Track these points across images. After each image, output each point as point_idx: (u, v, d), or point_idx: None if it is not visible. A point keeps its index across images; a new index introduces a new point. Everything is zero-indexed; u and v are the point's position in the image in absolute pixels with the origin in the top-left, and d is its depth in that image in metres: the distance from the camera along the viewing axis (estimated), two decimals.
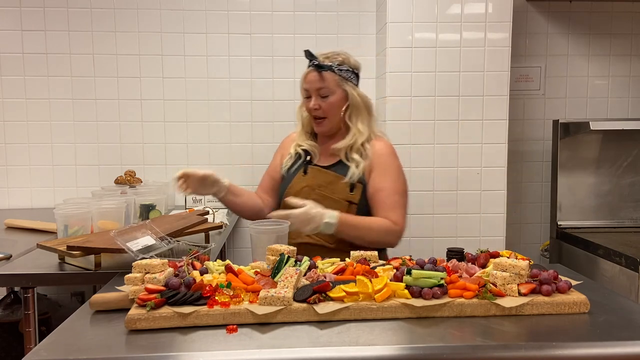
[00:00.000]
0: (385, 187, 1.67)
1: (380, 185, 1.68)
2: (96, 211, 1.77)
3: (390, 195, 1.67)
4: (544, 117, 2.91)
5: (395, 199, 1.67)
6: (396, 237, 1.67)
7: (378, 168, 1.69)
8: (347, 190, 1.69)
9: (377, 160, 1.70)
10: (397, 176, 1.71)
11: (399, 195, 1.69)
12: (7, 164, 2.77)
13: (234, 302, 1.08)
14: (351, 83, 1.73)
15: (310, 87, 1.71)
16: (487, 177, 2.53)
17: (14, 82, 2.73)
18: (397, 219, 1.66)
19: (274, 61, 2.79)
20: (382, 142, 1.76)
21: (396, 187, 1.69)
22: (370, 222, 1.65)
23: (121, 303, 1.14)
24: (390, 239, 1.67)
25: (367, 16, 2.80)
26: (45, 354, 0.93)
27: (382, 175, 1.69)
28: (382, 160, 1.70)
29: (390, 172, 1.70)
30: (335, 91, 1.70)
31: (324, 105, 1.71)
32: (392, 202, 1.67)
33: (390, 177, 1.69)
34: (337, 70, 1.70)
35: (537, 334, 1.01)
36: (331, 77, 1.70)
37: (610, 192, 2.83)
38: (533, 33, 2.87)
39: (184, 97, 2.80)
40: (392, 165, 1.71)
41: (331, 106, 1.71)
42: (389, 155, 1.73)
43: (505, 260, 1.16)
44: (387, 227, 1.64)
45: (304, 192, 1.73)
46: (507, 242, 2.61)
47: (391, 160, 1.72)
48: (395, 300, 1.11)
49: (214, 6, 2.76)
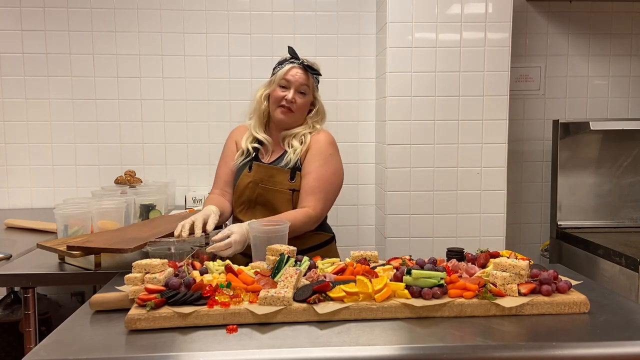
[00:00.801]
0: (311, 171, 1.76)
1: (308, 169, 1.77)
2: (96, 211, 1.77)
3: (313, 179, 1.75)
4: (544, 117, 2.91)
5: (317, 184, 1.74)
6: (312, 222, 1.74)
7: (311, 154, 1.79)
8: (288, 180, 1.78)
9: (312, 147, 1.80)
10: (326, 163, 1.78)
11: (323, 181, 1.76)
12: (7, 164, 2.77)
13: (234, 302, 1.08)
14: (317, 91, 1.90)
15: (295, 80, 1.81)
16: (487, 177, 2.53)
17: (14, 82, 2.73)
18: (315, 204, 1.73)
19: (273, 61, 2.75)
20: (323, 134, 1.86)
21: (322, 173, 1.76)
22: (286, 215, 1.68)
23: (121, 303, 1.14)
24: (309, 225, 1.74)
25: (367, 16, 2.80)
26: (45, 354, 0.93)
27: (313, 161, 1.78)
28: (317, 147, 1.80)
29: (320, 158, 1.78)
30: (309, 94, 1.86)
31: (299, 101, 1.81)
32: (314, 187, 1.74)
33: (319, 163, 1.77)
34: (315, 78, 1.88)
35: (537, 334, 1.01)
36: (312, 81, 1.86)
37: (610, 192, 2.83)
38: (533, 33, 2.87)
39: (184, 97, 2.80)
40: (325, 153, 1.80)
41: (304, 104, 1.84)
42: (326, 144, 1.82)
43: (505, 260, 1.16)
44: (303, 215, 1.70)
45: (249, 187, 1.82)
46: (507, 242, 2.61)
47: (324, 148, 1.81)
48: (395, 300, 1.11)
49: (214, 6, 2.76)
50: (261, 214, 1.79)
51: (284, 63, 1.87)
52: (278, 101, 1.82)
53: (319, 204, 1.75)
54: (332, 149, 1.84)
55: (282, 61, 1.88)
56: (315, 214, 1.73)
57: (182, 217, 1.86)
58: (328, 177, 1.78)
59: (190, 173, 2.83)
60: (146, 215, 2.04)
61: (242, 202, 1.85)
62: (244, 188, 1.83)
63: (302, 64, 1.84)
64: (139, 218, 2.04)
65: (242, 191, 1.84)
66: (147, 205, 2.05)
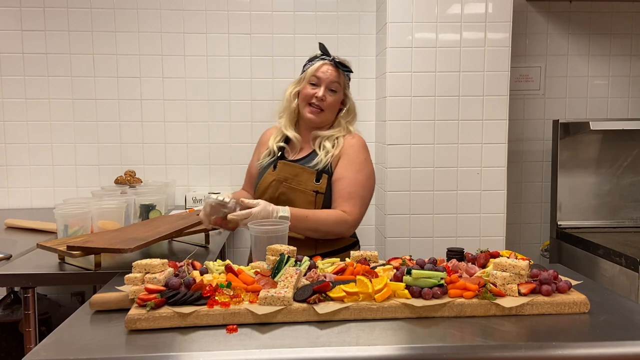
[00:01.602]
0: (346, 176, 1.72)
1: (342, 174, 1.73)
2: (96, 211, 1.77)
3: (349, 185, 1.71)
4: (544, 117, 2.91)
5: (353, 190, 1.71)
6: (348, 227, 1.71)
7: (344, 159, 1.75)
8: (313, 181, 1.74)
9: (345, 152, 1.76)
10: (360, 168, 1.75)
11: (358, 187, 1.72)
12: (7, 164, 2.77)
13: (234, 302, 1.08)
14: (349, 89, 1.87)
15: (325, 77, 1.77)
16: (487, 177, 2.53)
17: (14, 82, 2.73)
18: (352, 210, 1.70)
19: (274, 61, 2.79)
20: (357, 137, 1.82)
21: (357, 178, 1.72)
22: (320, 214, 1.68)
23: (121, 303, 1.14)
24: (342, 229, 1.71)
25: (367, 16, 2.80)
26: (45, 354, 0.93)
27: (346, 166, 1.74)
28: (350, 152, 1.76)
29: (355, 163, 1.74)
30: (341, 92, 1.81)
31: (329, 99, 1.77)
32: (350, 192, 1.71)
33: (353, 168, 1.73)
34: (346, 75, 1.83)
35: (537, 334, 1.01)
36: (343, 78, 1.81)
37: (610, 192, 2.83)
38: (533, 33, 2.88)
39: (184, 97, 2.80)
40: (358, 157, 1.76)
41: (334, 102, 1.80)
42: (359, 148, 1.78)
43: (505, 260, 1.16)
44: (337, 217, 1.68)
45: (272, 185, 1.79)
46: (507, 242, 2.61)
47: (359, 153, 1.77)
48: (395, 300, 1.11)
49: (214, 6, 2.76)
50: None
51: (314, 60, 1.83)
52: (308, 99, 1.79)
53: (355, 209, 1.71)
54: (366, 153, 1.80)
55: (313, 58, 1.84)
56: (352, 219, 1.70)
57: (182, 217, 1.86)
58: (363, 182, 1.74)
59: (190, 173, 2.83)
60: (146, 215, 2.04)
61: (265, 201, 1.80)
62: (266, 187, 1.80)
63: (334, 61, 1.80)
64: (139, 218, 2.04)
65: (264, 190, 1.80)
66: (147, 205, 2.05)
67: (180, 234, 1.71)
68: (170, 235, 1.64)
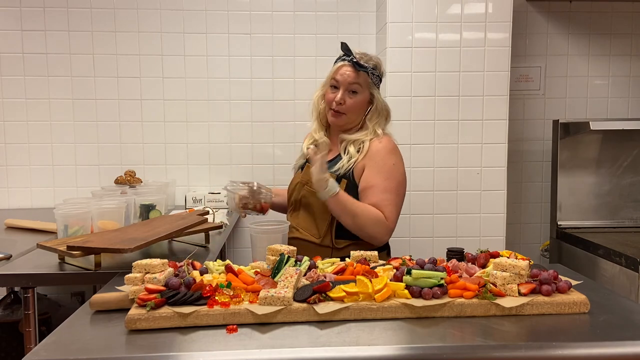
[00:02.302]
0: (376, 184, 1.65)
1: (371, 182, 1.66)
2: (96, 211, 1.77)
3: (380, 192, 1.65)
4: (544, 117, 2.91)
5: (385, 197, 1.65)
6: (385, 230, 1.65)
7: (371, 165, 1.67)
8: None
9: (371, 158, 1.68)
10: (389, 174, 1.67)
11: (389, 194, 1.66)
12: (7, 164, 2.77)
13: (234, 302, 1.08)
14: (377, 88, 1.75)
15: (343, 80, 1.71)
16: (487, 177, 2.53)
17: (14, 82, 2.73)
18: (388, 215, 1.64)
19: (274, 61, 2.79)
20: (384, 141, 1.72)
21: (387, 185, 1.66)
22: (363, 205, 1.64)
23: (121, 303, 1.14)
24: (379, 230, 1.64)
25: (367, 16, 2.80)
26: (45, 354, 0.93)
27: (375, 173, 1.66)
28: (377, 158, 1.68)
29: (384, 170, 1.67)
30: (364, 92, 1.72)
31: (348, 102, 1.70)
32: (382, 199, 1.65)
33: (382, 174, 1.66)
34: (370, 73, 1.72)
35: (537, 334, 1.01)
36: (365, 77, 1.71)
37: (610, 192, 2.83)
38: (533, 33, 2.88)
39: (184, 97, 2.80)
40: (387, 163, 1.68)
41: (355, 104, 1.72)
42: (386, 153, 1.69)
43: (505, 260, 1.16)
44: (378, 216, 1.63)
45: (297, 188, 1.78)
46: (507, 242, 2.61)
47: (386, 158, 1.69)
48: (395, 300, 1.11)
49: (214, 6, 2.76)
50: (303, 217, 1.75)
51: (337, 60, 1.77)
52: (329, 104, 1.74)
53: (391, 215, 1.65)
54: (394, 157, 1.70)
55: (337, 58, 1.79)
56: (388, 224, 1.65)
57: (182, 217, 1.86)
58: (394, 189, 1.68)
59: (190, 173, 2.83)
60: (146, 215, 2.04)
61: (291, 203, 1.82)
62: (292, 189, 1.81)
63: (352, 61, 1.71)
64: (139, 218, 2.04)
65: (291, 192, 1.81)
66: (147, 205, 2.05)
67: (180, 234, 1.71)
68: (170, 235, 1.64)
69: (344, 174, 1.69)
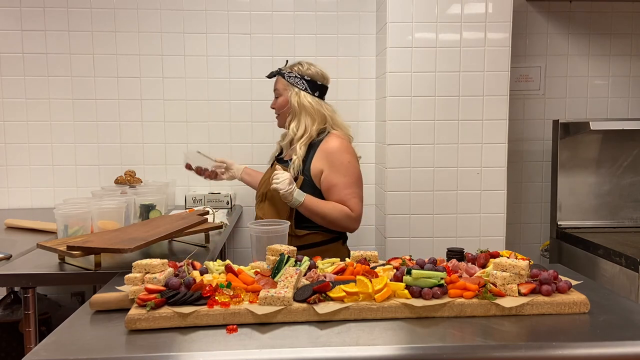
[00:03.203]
0: (338, 182, 1.85)
1: (332, 181, 1.85)
2: (96, 211, 1.77)
3: (342, 189, 1.85)
4: (544, 117, 2.91)
5: (347, 192, 1.85)
6: (353, 221, 1.87)
7: (328, 167, 1.86)
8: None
9: (326, 159, 1.86)
10: (346, 171, 1.86)
11: (350, 188, 1.86)
12: (7, 164, 2.77)
13: (234, 302, 1.08)
14: (297, 88, 1.94)
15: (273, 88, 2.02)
16: (487, 177, 2.53)
17: (14, 82, 2.73)
18: (354, 207, 1.85)
19: (274, 61, 2.79)
20: (333, 140, 1.90)
21: (347, 181, 1.86)
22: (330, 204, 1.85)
23: (121, 303, 1.14)
24: (348, 223, 1.86)
25: (367, 16, 2.80)
26: (45, 354, 0.93)
27: (334, 173, 1.85)
28: (332, 159, 1.86)
29: (341, 169, 1.85)
30: (283, 94, 1.97)
31: (275, 105, 2.00)
32: (346, 194, 1.85)
33: (340, 173, 1.85)
34: (285, 76, 1.96)
35: (537, 334, 1.01)
36: (282, 81, 1.97)
37: (610, 192, 2.83)
38: (533, 33, 2.88)
39: (184, 97, 2.80)
40: (342, 162, 1.86)
41: (278, 105, 2.00)
42: (338, 152, 1.87)
43: (505, 260, 1.17)
44: (344, 211, 1.85)
45: (263, 182, 1.99)
46: (507, 242, 2.61)
47: (340, 157, 1.86)
48: (395, 300, 1.11)
49: (214, 6, 2.76)
50: (268, 208, 1.92)
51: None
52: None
53: (355, 207, 1.86)
54: (347, 155, 1.88)
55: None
56: (355, 215, 1.86)
57: (182, 217, 1.86)
58: (354, 182, 1.87)
59: (190, 173, 2.82)
60: (146, 215, 2.04)
61: (259, 196, 2.02)
62: (262, 182, 2.01)
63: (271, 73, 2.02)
64: (139, 218, 2.04)
65: (261, 185, 2.02)
66: (147, 205, 2.05)
67: (180, 234, 1.71)
68: (170, 235, 1.64)
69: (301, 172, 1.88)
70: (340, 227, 1.88)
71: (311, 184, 1.88)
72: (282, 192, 1.78)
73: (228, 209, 2.61)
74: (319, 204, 1.83)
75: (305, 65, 1.96)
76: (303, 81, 1.94)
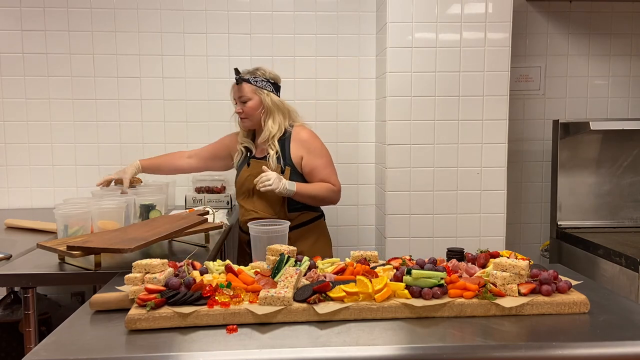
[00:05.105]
0: (317, 165, 2.11)
1: (313, 164, 2.11)
2: (96, 211, 1.77)
3: (322, 169, 2.12)
4: (544, 117, 2.91)
5: (327, 171, 2.13)
6: (337, 193, 2.14)
7: (306, 153, 2.11)
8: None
9: (304, 146, 2.11)
10: (322, 154, 2.14)
11: (328, 167, 2.14)
12: (7, 164, 2.77)
13: (234, 302, 1.08)
14: (266, 90, 2.13)
15: (235, 95, 2.16)
16: (487, 177, 2.53)
17: (14, 82, 2.73)
18: (335, 182, 2.13)
19: (274, 61, 2.79)
20: (302, 130, 2.16)
21: (324, 162, 2.14)
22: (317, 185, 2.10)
23: (121, 303, 1.14)
24: (334, 196, 2.13)
25: (367, 16, 2.80)
26: (45, 354, 0.93)
27: (312, 157, 2.11)
28: (309, 145, 2.12)
29: (317, 152, 2.13)
30: (253, 97, 2.12)
31: (245, 109, 2.13)
32: (326, 174, 2.12)
33: (317, 156, 2.12)
34: (252, 81, 2.12)
35: (537, 334, 1.01)
36: (247, 87, 2.11)
37: (610, 192, 2.83)
38: (533, 33, 2.88)
39: (184, 97, 2.80)
40: (316, 146, 2.14)
41: (250, 109, 2.12)
42: (311, 139, 2.14)
43: (505, 260, 1.17)
44: (329, 187, 2.11)
45: (248, 180, 2.10)
46: (507, 242, 2.61)
47: (314, 143, 2.14)
48: (395, 300, 1.11)
49: (214, 6, 2.76)
50: (258, 201, 2.11)
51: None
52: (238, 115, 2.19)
53: (336, 181, 2.14)
54: (318, 140, 2.16)
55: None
56: (337, 187, 2.13)
57: (182, 217, 1.86)
58: (329, 162, 2.16)
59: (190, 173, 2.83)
60: (146, 215, 2.04)
61: (243, 192, 2.16)
62: (244, 180, 2.14)
63: (235, 78, 2.13)
64: (139, 218, 2.04)
65: (242, 183, 2.15)
66: (147, 205, 2.05)
67: (180, 234, 1.71)
68: (170, 235, 1.64)
69: (286, 163, 2.09)
70: (327, 202, 2.14)
71: (296, 171, 2.11)
72: (277, 190, 1.96)
73: (228, 209, 2.61)
74: (308, 188, 2.06)
75: (266, 70, 2.16)
76: (269, 84, 2.14)
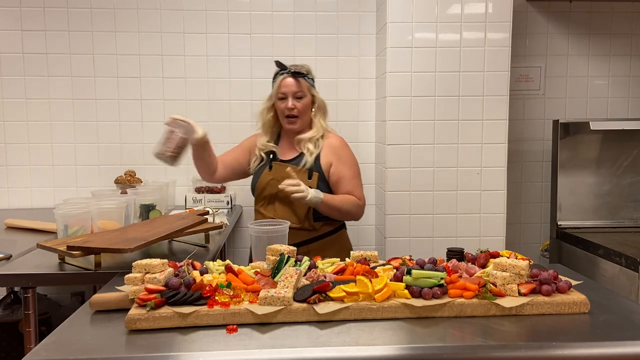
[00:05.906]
0: (345, 175, 2.02)
1: (341, 174, 2.01)
2: (96, 211, 1.77)
3: (350, 180, 2.03)
4: (544, 117, 2.91)
5: (353, 183, 2.03)
6: (362, 209, 2.05)
7: (336, 160, 2.02)
8: (306, 178, 1.97)
9: (335, 153, 2.02)
10: (352, 163, 2.06)
11: (355, 179, 2.05)
12: (7, 164, 2.77)
13: (234, 302, 1.08)
14: (314, 88, 2.05)
15: (288, 90, 1.99)
16: (487, 177, 2.53)
17: (14, 82, 2.73)
18: (360, 196, 2.04)
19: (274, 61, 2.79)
20: (335, 137, 2.08)
21: (353, 172, 2.05)
22: (343, 197, 2.00)
23: (121, 303, 1.14)
24: (358, 211, 2.04)
25: (367, 16, 2.80)
26: (45, 354, 0.93)
27: (341, 166, 2.02)
28: (340, 153, 2.03)
29: (347, 162, 2.04)
30: (307, 95, 2.02)
31: (298, 106, 2.00)
32: (353, 185, 2.03)
33: (347, 165, 2.03)
34: (307, 78, 2.02)
35: (537, 334, 1.01)
36: (304, 83, 2.01)
37: (610, 192, 2.83)
38: (533, 33, 2.87)
39: (184, 97, 2.80)
40: (347, 155, 2.05)
41: (304, 107, 2.01)
42: (343, 147, 2.06)
43: (505, 260, 1.16)
44: (354, 201, 2.01)
45: (270, 184, 2.00)
46: (507, 242, 2.61)
47: (346, 152, 2.06)
48: (395, 300, 1.11)
49: (214, 6, 2.76)
50: (280, 208, 1.99)
51: (276, 76, 2.04)
52: (283, 113, 2.01)
53: (361, 196, 2.04)
54: (349, 149, 2.08)
55: (275, 75, 2.05)
56: (362, 203, 2.04)
57: (182, 217, 1.86)
58: (357, 173, 2.07)
59: (190, 173, 2.82)
60: (146, 215, 2.04)
61: (264, 198, 2.04)
62: (265, 185, 2.02)
63: (290, 72, 2.00)
64: (139, 218, 2.04)
65: (263, 187, 2.03)
66: (147, 205, 2.05)
67: (180, 234, 1.71)
68: (170, 235, 1.64)
69: (315, 168, 1.99)
70: (350, 217, 2.05)
71: (323, 178, 2.00)
72: (307, 198, 1.86)
73: (228, 209, 2.61)
74: (334, 199, 1.96)
75: (311, 68, 2.06)
76: (313, 82, 2.06)
